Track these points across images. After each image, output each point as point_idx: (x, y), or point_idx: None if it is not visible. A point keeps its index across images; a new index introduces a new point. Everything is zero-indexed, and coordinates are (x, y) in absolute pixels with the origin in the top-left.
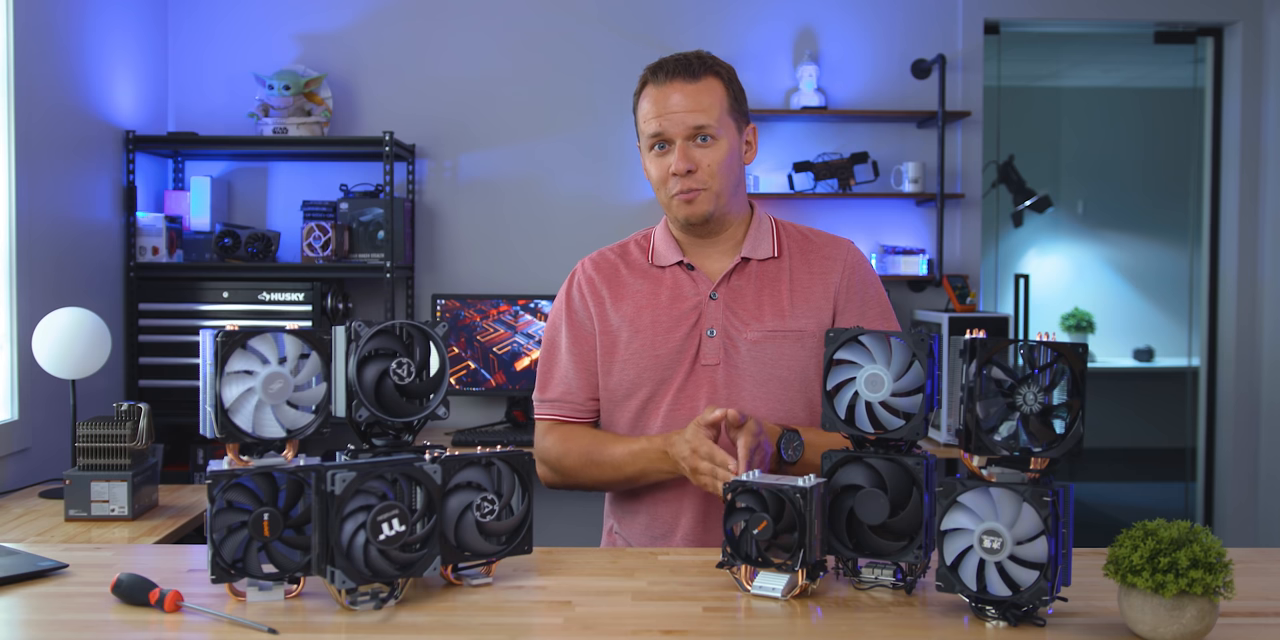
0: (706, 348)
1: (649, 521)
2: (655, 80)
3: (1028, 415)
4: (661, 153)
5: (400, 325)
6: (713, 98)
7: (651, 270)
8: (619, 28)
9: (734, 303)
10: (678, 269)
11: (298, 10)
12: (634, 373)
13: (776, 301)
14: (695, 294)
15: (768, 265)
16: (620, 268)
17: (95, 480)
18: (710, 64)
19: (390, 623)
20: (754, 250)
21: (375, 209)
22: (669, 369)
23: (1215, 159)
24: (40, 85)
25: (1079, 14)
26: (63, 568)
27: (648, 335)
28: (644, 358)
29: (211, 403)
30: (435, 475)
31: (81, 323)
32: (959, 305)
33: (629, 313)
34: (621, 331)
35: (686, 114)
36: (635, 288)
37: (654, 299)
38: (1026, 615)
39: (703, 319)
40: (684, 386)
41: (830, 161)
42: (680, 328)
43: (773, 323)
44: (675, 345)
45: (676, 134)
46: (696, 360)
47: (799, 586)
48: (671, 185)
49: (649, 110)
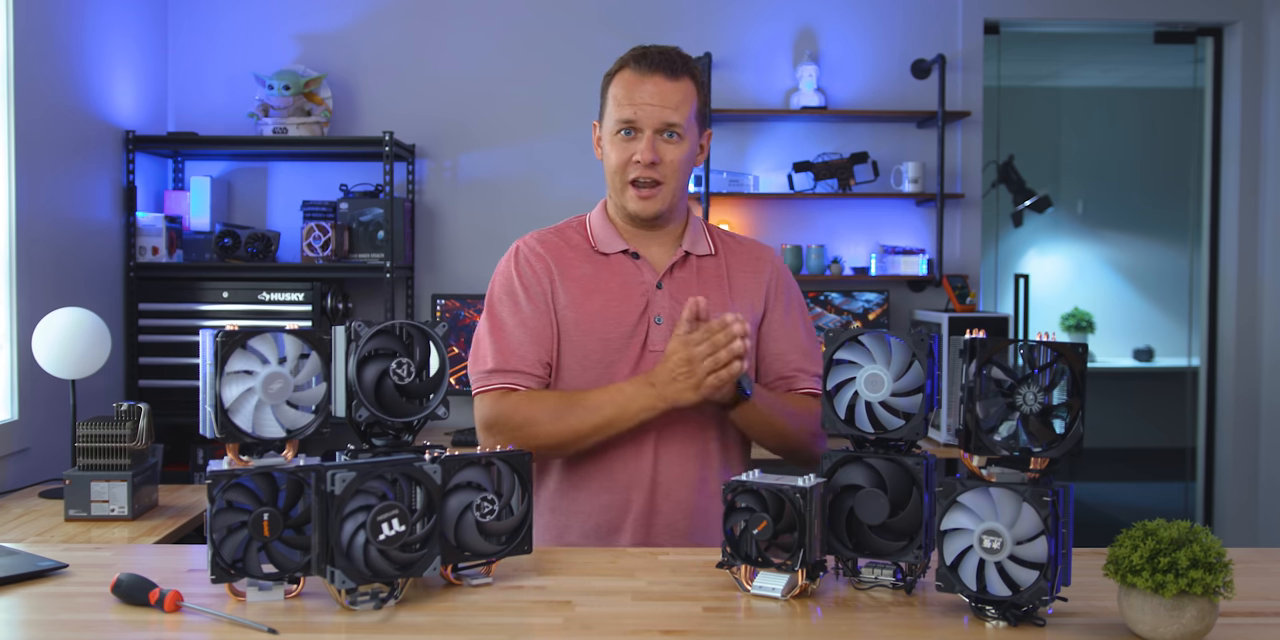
0: (655, 335)
1: (593, 512)
2: (637, 68)
3: (1028, 415)
4: (628, 139)
5: (400, 325)
6: (686, 98)
7: (595, 255)
8: (619, 28)
9: (679, 293)
10: (623, 257)
11: (298, 10)
12: (582, 356)
13: (720, 295)
14: (642, 282)
15: (706, 261)
16: (564, 249)
17: (95, 480)
18: (689, 65)
19: (390, 623)
20: (694, 246)
21: (375, 209)
22: (618, 354)
23: (1215, 159)
24: (40, 85)
25: (1079, 14)
26: (63, 568)
27: (597, 320)
28: (592, 339)
29: (211, 403)
30: (435, 475)
31: (81, 323)
32: (959, 305)
33: (576, 295)
34: (569, 311)
35: (662, 108)
36: (581, 270)
37: (601, 284)
38: (1026, 615)
39: (650, 306)
40: (633, 372)
41: (830, 161)
42: (629, 314)
43: (716, 315)
44: (625, 331)
45: (648, 125)
46: (645, 347)
47: (799, 586)
48: (631, 171)
49: (625, 96)
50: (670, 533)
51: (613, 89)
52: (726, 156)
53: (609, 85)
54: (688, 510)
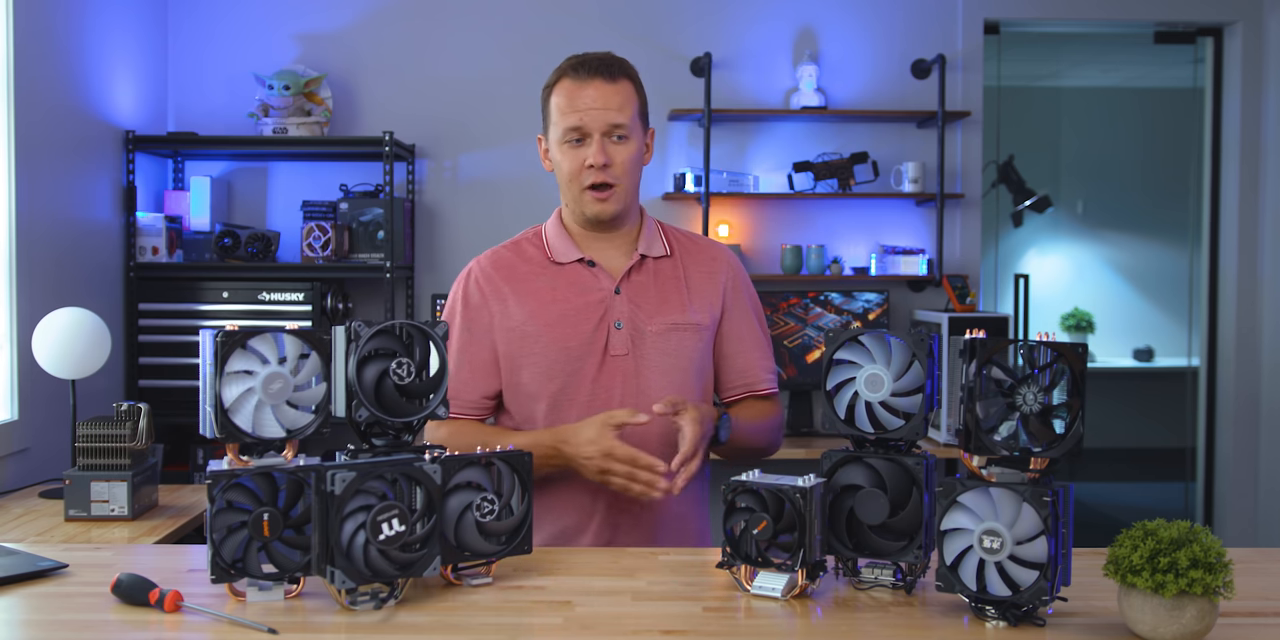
0: (615, 339)
1: (557, 519)
2: (576, 76)
3: (1028, 415)
4: (577, 146)
5: (400, 325)
6: (627, 99)
7: (550, 266)
8: (619, 28)
9: (637, 297)
10: (578, 265)
11: (298, 10)
12: (545, 366)
13: (678, 296)
14: (599, 289)
15: (663, 263)
16: (518, 265)
17: (95, 480)
18: (626, 68)
19: (390, 623)
20: (649, 248)
21: (375, 209)
22: (580, 361)
23: (1215, 159)
24: (40, 85)
25: (1079, 14)
26: (63, 568)
27: (557, 330)
28: (554, 351)
29: (211, 403)
30: (435, 475)
31: (81, 323)
32: (959, 305)
33: (534, 307)
34: (528, 325)
35: (605, 111)
36: (536, 284)
37: (558, 294)
38: (1026, 615)
39: (609, 312)
40: (598, 377)
41: (830, 161)
42: (588, 321)
43: (675, 316)
44: (585, 338)
45: (595, 129)
46: (606, 351)
47: (799, 586)
48: (585, 177)
49: (568, 104)
50: (639, 533)
51: (555, 100)
52: (726, 156)
53: (549, 97)
54: (654, 508)
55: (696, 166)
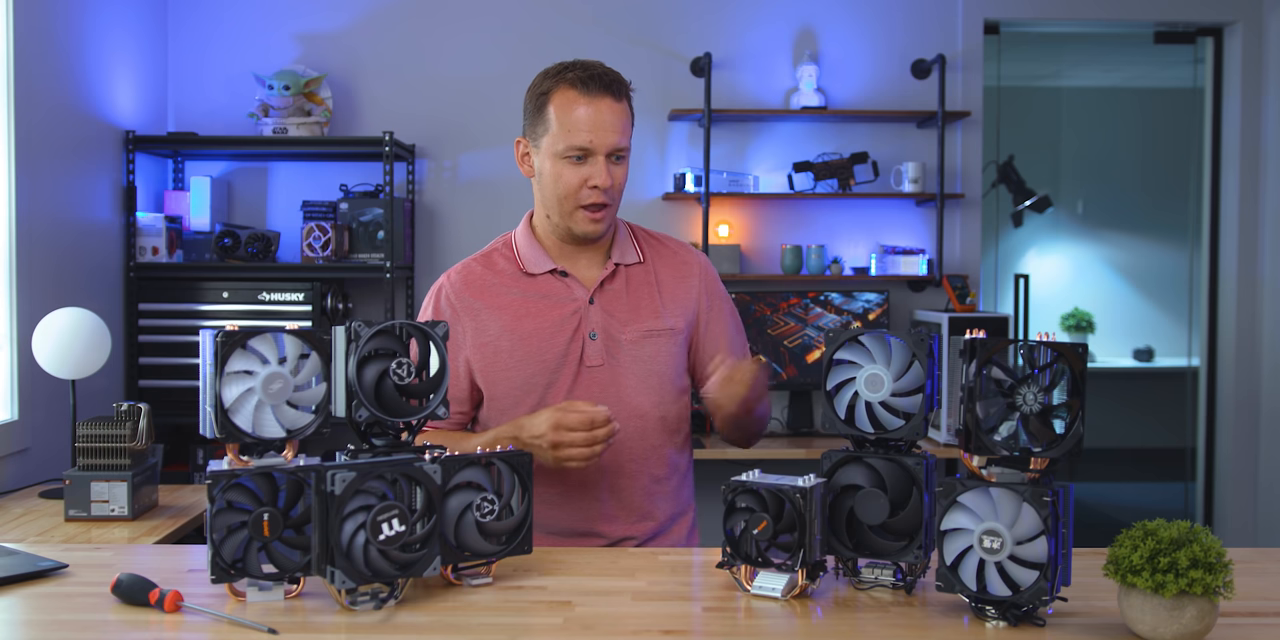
0: (590, 350)
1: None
2: (585, 91)
3: (1028, 415)
4: (578, 164)
5: (400, 325)
6: (629, 121)
7: (522, 278)
8: (619, 28)
9: (610, 306)
10: (550, 276)
11: (298, 10)
12: (520, 378)
13: (651, 303)
14: (573, 299)
15: (634, 270)
16: (489, 279)
17: (95, 480)
18: (626, 87)
19: (390, 623)
20: (622, 257)
21: (375, 209)
22: (555, 372)
23: (1215, 159)
24: (40, 85)
25: (1079, 14)
26: (63, 568)
27: (532, 341)
28: (530, 363)
29: (211, 403)
30: (435, 475)
31: (81, 323)
32: (959, 305)
33: (508, 321)
34: (502, 340)
35: (613, 133)
36: (509, 296)
37: (532, 306)
38: (1026, 615)
39: (584, 323)
40: (573, 389)
41: (830, 161)
42: (563, 332)
43: (649, 323)
44: (559, 349)
45: (603, 150)
46: (581, 362)
47: (799, 586)
48: (584, 196)
49: (576, 120)
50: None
51: (556, 111)
52: (726, 156)
53: (547, 103)
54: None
55: (696, 166)
